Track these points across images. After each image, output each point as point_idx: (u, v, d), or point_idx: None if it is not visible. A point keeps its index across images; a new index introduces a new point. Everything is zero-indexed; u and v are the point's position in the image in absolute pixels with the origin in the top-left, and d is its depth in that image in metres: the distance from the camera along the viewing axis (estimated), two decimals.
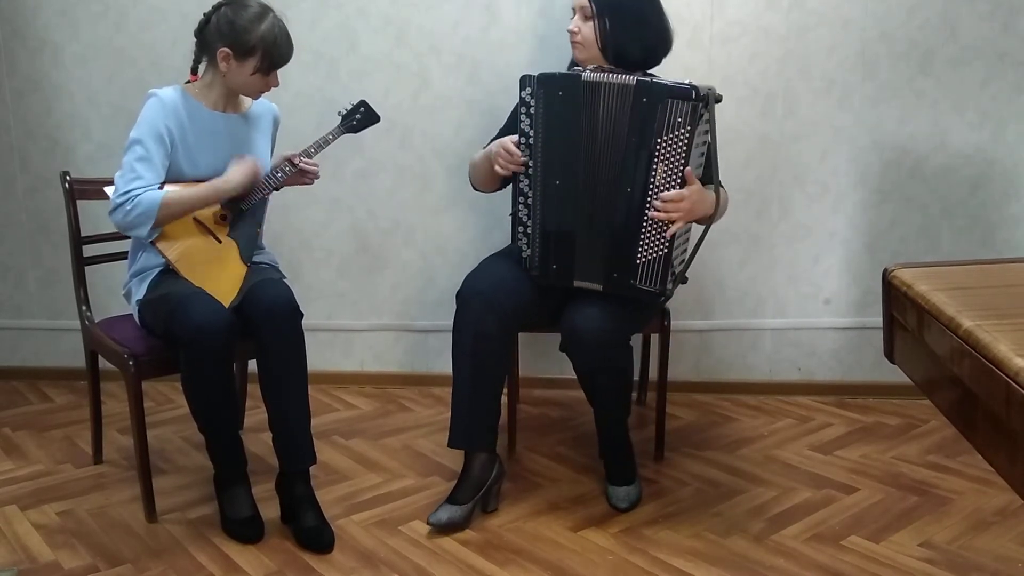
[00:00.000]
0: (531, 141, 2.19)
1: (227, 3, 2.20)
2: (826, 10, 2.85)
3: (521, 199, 2.24)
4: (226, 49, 2.17)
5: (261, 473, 2.42)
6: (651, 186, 2.11)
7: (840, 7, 2.85)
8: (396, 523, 2.26)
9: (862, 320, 3.05)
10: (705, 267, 3.02)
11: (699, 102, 2.04)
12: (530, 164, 2.20)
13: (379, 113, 2.41)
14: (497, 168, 2.24)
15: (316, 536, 2.15)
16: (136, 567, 2.06)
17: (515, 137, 2.22)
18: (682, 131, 2.06)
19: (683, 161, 2.08)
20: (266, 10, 2.20)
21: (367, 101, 2.40)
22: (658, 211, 2.10)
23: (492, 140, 2.41)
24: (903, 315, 1.43)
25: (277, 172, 2.32)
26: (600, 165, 2.16)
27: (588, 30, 2.28)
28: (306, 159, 2.35)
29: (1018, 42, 2.84)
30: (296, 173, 2.35)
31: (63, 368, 3.25)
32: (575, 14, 2.31)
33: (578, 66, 2.32)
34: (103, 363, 2.44)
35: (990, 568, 2.03)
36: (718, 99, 2.10)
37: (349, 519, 2.28)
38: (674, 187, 2.10)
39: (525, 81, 2.17)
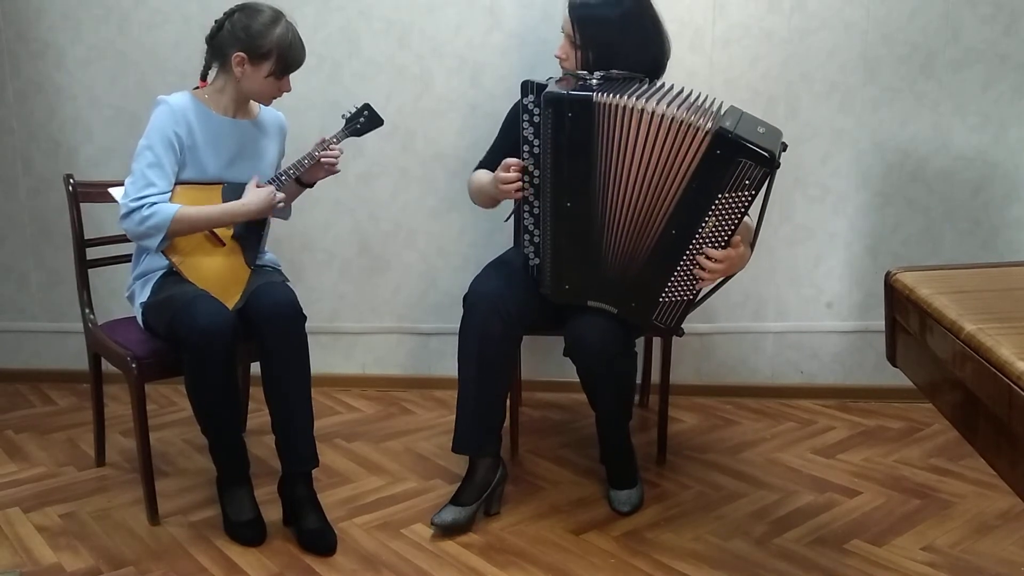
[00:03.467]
0: (535, 151, 2.11)
1: (240, 9, 2.22)
2: (828, 13, 2.86)
3: (526, 207, 2.17)
4: (241, 54, 2.19)
5: (263, 475, 2.43)
6: (698, 235, 2.04)
7: (842, 10, 2.85)
8: (398, 526, 2.26)
9: (864, 323, 3.04)
10: None
11: (773, 170, 1.97)
12: (535, 173, 2.12)
13: (382, 116, 2.42)
14: (504, 196, 2.19)
15: (318, 538, 2.15)
16: (138, 569, 2.07)
17: (511, 173, 2.14)
18: (746, 193, 1.98)
19: (736, 221, 2.01)
20: (279, 15, 2.22)
21: (371, 104, 2.40)
22: (701, 267, 2.06)
23: (489, 150, 2.41)
24: (905, 318, 1.43)
25: (304, 159, 2.33)
26: (631, 192, 2.05)
27: (575, 59, 2.25)
28: (332, 145, 2.35)
29: (1020, 45, 2.84)
30: (316, 164, 2.35)
31: (66, 370, 3.26)
32: (564, 38, 2.29)
33: (582, 72, 2.20)
34: (106, 365, 2.44)
35: (992, 572, 2.03)
36: (784, 148, 2.04)
37: (351, 522, 2.28)
38: (720, 243, 2.04)
39: (527, 88, 2.07)
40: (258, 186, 2.28)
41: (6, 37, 3.09)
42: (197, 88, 2.31)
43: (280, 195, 2.30)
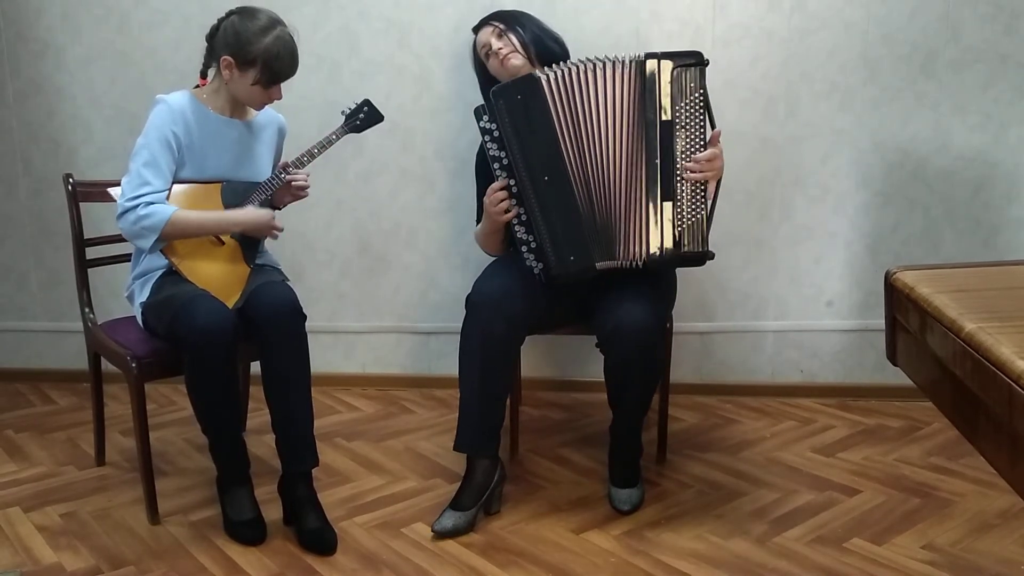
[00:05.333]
0: (506, 162, 2.19)
1: (237, 12, 2.21)
2: (828, 13, 2.86)
3: (515, 220, 2.23)
4: (228, 58, 2.18)
5: (264, 475, 2.43)
6: (678, 154, 2.15)
7: (842, 10, 2.85)
8: (398, 525, 2.26)
9: (864, 322, 3.05)
10: (707, 269, 2.99)
11: (704, 64, 2.14)
12: (512, 183, 2.20)
13: (383, 113, 2.42)
14: (501, 218, 2.23)
15: (318, 538, 2.15)
16: (138, 569, 2.07)
17: (497, 195, 2.22)
18: (695, 96, 2.14)
19: (701, 124, 2.14)
20: (274, 23, 2.18)
21: (371, 100, 2.40)
22: (694, 172, 2.15)
23: (477, 202, 2.45)
24: (905, 317, 1.43)
25: (272, 180, 2.32)
26: (604, 147, 2.18)
27: (513, 38, 2.37)
28: (296, 169, 2.33)
29: (1021, 44, 2.84)
30: (284, 187, 2.35)
31: (65, 370, 3.26)
32: (490, 45, 2.39)
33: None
34: (105, 365, 2.44)
35: (992, 570, 2.03)
36: (707, 63, 2.18)
37: (351, 521, 2.28)
38: (699, 149, 2.16)
39: (480, 111, 2.19)
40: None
41: (6, 37, 3.09)
42: (197, 87, 2.31)
43: (280, 225, 2.31)
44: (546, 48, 2.39)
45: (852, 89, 2.90)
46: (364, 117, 2.40)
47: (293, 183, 2.35)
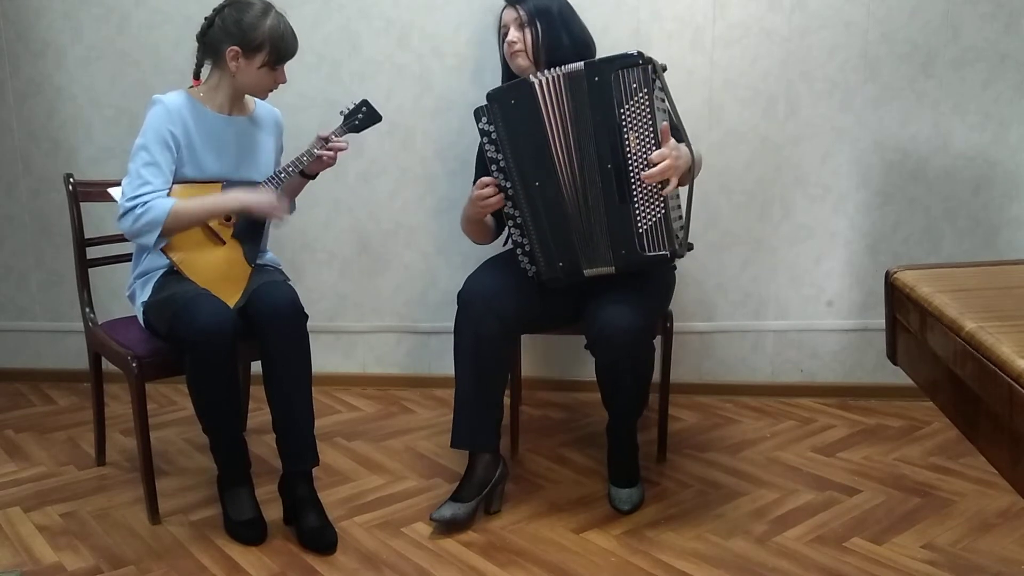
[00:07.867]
0: (503, 164, 2.21)
1: (229, 4, 2.23)
2: (828, 12, 2.86)
3: (510, 223, 2.26)
4: (235, 48, 2.19)
5: (264, 474, 2.43)
6: (628, 155, 2.13)
7: (842, 9, 2.85)
8: (399, 524, 2.26)
9: (864, 322, 3.05)
10: (707, 269, 3.02)
11: (647, 65, 2.09)
12: (508, 186, 2.22)
13: (381, 113, 2.42)
14: (487, 210, 2.26)
15: (319, 537, 2.15)
16: (139, 568, 2.07)
17: (486, 189, 2.24)
18: (641, 95, 2.11)
19: (651, 123, 2.12)
20: (268, 6, 2.24)
21: (369, 100, 2.41)
22: (651, 176, 2.11)
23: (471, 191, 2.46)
24: (906, 317, 1.43)
25: (304, 156, 2.34)
26: (573, 154, 2.18)
27: (527, 37, 2.34)
28: (335, 137, 2.37)
29: (1020, 43, 2.84)
30: (315, 159, 2.36)
31: (66, 370, 3.26)
32: (509, 29, 2.37)
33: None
34: (106, 365, 2.45)
35: (992, 570, 2.03)
36: (663, 67, 2.15)
37: (352, 521, 2.28)
38: (651, 149, 2.12)
39: (479, 113, 2.21)
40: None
41: (6, 37, 3.09)
42: (192, 87, 2.31)
43: (283, 212, 2.31)
44: (561, 56, 2.31)
45: (852, 88, 2.90)
46: (363, 117, 2.40)
47: (325, 157, 2.36)
